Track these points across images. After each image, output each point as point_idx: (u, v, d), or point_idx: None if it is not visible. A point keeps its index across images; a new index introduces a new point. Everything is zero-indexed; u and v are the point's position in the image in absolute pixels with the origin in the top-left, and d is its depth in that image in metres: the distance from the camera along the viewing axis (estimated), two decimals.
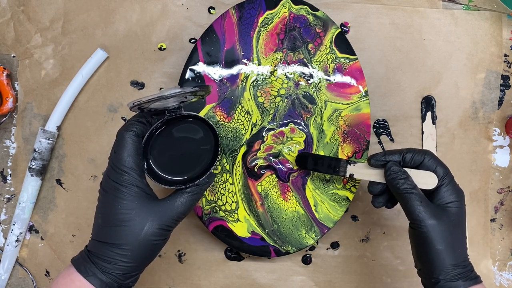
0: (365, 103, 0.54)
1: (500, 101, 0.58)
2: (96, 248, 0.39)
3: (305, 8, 0.53)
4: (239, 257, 0.56)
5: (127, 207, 0.38)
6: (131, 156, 0.39)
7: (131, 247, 0.38)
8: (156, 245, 0.39)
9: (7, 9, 0.56)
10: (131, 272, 0.39)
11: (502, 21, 0.58)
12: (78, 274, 0.38)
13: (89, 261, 0.38)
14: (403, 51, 0.57)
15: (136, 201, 0.38)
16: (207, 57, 0.53)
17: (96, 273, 0.38)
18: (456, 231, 0.43)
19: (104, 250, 0.38)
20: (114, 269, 0.38)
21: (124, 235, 0.38)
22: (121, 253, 0.38)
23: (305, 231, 0.53)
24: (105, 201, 0.39)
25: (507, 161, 0.58)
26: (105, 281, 0.38)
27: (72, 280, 0.38)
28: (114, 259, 0.38)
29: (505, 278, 0.58)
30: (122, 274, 0.38)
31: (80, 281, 0.38)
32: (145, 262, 0.40)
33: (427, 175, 0.44)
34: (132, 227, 0.38)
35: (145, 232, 0.38)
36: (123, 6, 0.56)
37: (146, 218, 0.38)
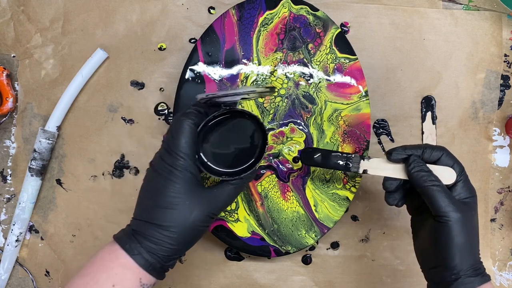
0: (365, 103, 0.54)
1: (500, 101, 0.58)
2: (142, 228, 0.39)
3: (305, 8, 0.53)
4: (239, 257, 0.56)
5: (179, 191, 0.39)
6: (187, 143, 0.39)
7: (178, 230, 0.39)
8: (200, 231, 0.40)
9: (7, 9, 0.56)
10: (174, 255, 0.40)
11: (502, 21, 0.58)
12: (122, 252, 0.38)
13: (134, 240, 0.39)
14: (403, 51, 0.57)
15: (188, 186, 0.39)
16: (207, 57, 0.53)
17: (142, 252, 0.38)
18: (473, 226, 0.43)
19: (151, 230, 0.39)
20: (160, 250, 0.38)
21: (173, 217, 0.38)
22: (168, 235, 0.38)
23: (305, 231, 0.53)
24: (156, 182, 0.40)
25: (507, 161, 0.58)
26: (149, 261, 0.38)
27: (117, 257, 0.38)
28: (160, 240, 0.38)
29: (505, 278, 0.58)
30: (166, 256, 0.39)
31: (125, 259, 0.38)
32: (187, 246, 0.41)
33: (446, 170, 0.44)
34: (182, 211, 0.39)
35: (193, 217, 0.39)
36: (123, 6, 0.56)
37: (195, 204, 0.39)
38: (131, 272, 0.38)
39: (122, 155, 0.56)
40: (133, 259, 0.38)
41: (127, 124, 0.56)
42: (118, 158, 0.56)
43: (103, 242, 0.56)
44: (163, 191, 0.39)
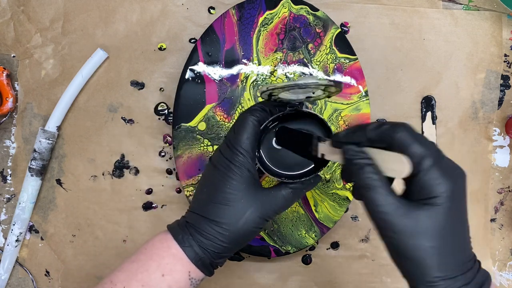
0: (365, 103, 0.54)
1: (500, 101, 0.58)
2: (196, 221, 0.38)
3: (305, 8, 0.53)
4: (239, 257, 0.56)
5: (235, 187, 0.38)
6: (249, 140, 0.38)
7: (231, 227, 0.38)
8: (252, 232, 0.39)
9: (7, 9, 0.56)
10: (224, 252, 0.39)
11: (502, 21, 0.58)
12: (174, 242, 0.38)
13: (187, 232, 0.38)
14: (403, 51, 0.57)
15: (245, 184, 0.38)
16: (207, 57, 0.53)
17: (193, 245, 0.38)
18: (447, 231, 0.32)
19: (204, 225, 0.38)
20: (210, 245, 0.38)
21: (227, 214, 0.37)
22: (220, 231, 0.37)
23: (305, 231, 0.53)
24: (213, 177, 0.39)
25: (507, 161, 0.58)
26: (199, 255, 0.37)
27: (169, 247, 0.38)
28: (212, 235, 0.37)
29: (505, 278, 0.58)
30: (216, 253, 0.38)
31: (176, 250, 0.38)
32: (238, 246, 0.39)
33: (395, 158, 0.33)
34: (236, 208, 0.38)
35: (247, 216, 0.38)
36: (123, 6, 0.56)
37: (251, 203, 0.38)
38: (181, 263, 0.37)
39: (122, 155, 0.56)
40: (184, 251, 0.38)
41: (127, 124, 0.56)
42: (118, 158, 0.56)
43: (103, 242, 0.56)
44: (219, 186, 0.38)
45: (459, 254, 0.34)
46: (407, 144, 0.33)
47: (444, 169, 0.33)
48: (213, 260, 0.39)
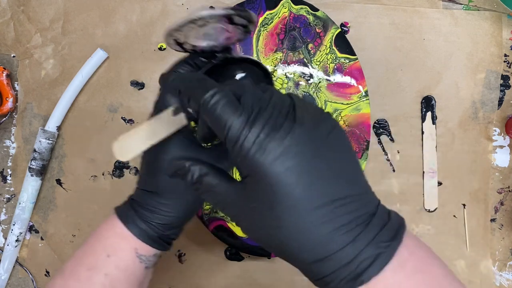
0: (365, 103, 0.54)
1: (500, 101, 0.58)
2: (139, 196, 0.37)
3: (305, 8, 0.53)
4: (239, 257, 0.56)
5: (167, 154, 0.35)
6: (173, 99, 0.35)
7: (172, 195, 0.36)
8: (198, 197, 0.36)
9: (7, 9, 0.56)
10: (172, 223, 0.36)
11: (502, 21, 0.58)
12: (118, 221, 0.36)
13: (130, 209, 0.37)
14: (403, 51, 0.57)
15: (176, 147, 0.35)
16: None
17: (136, 220, 0.36)
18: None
19: (146, 198, 0.36)
20: (154, 218, 0.36)
21: (165, 183, 0.35)
22: (162, 201, 0.35)
23: None
24: (149, 149, 0.36)
25: (507, 161, 0.58)
26: (144, 230, 0.36)
27: (114, 226, 0.36)
28: (155, 208, 0.36)
29: (505, 278, 0.58)
30: (161, 224, 0.36)
31: (121, 228, 0.36)
32: (187, 214, 0.37)
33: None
34: None
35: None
36: (123, 6, 0.56)
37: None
38: (126, 241, 0.36)
39: None
40: (128, 228, 0.36)
41: (127, 124, 0.56)
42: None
43: None
44: (154, 157, 0.35)
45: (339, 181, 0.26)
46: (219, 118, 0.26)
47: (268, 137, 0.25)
48: (163, 233, 0.36)
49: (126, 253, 0.35)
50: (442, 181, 0.58)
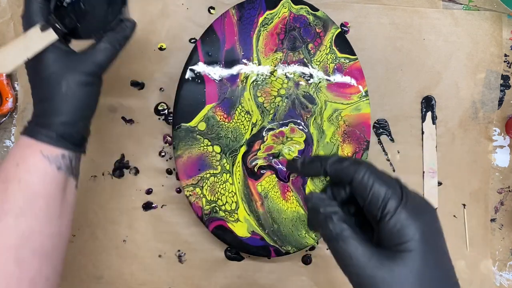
0: (365, 103, 0.54)
1: (500, 101, 0.58)
2: (35, 111, 0.40)
3: (305, 8, 0.53)
4: (239, 257, 0.56)
5: (46, 63, 0.39)
6: (37, 17, 0.39)
7: (57, 97, 0.39)
8: (87, 91, 0.40)
9: (7, 9, 0.56)
10: (68, 121, 0.39)
11: (502, 21, 0.58)
12: (23, 136, 0.39)
13: (31, 123, 0.40)
14: (403, 51, 0.57)
15: (52, 57, 0.39)
16: (207, 57, 0.53)
17: (34, 128, 0.39)
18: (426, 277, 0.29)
19: (39, 108, 0.40)
20: (50, 120, 0.39)
21: (48, 88, 0.39)
22: (53, 104, 0.39)
23: (305, 231, 0.53)
24: (29, 65, 0.40)
25: (507, 161, 0.58)
26: (43, 133, 0.38)
27: (19, 142, 0.39)
28: (48, 112, 0.39)
29: (505, 278, 0.58)
30: (59, 124, 0.39)
31: (23, 140, 0.39)
32: (82, 109, 0.40)
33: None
34: (52, 79, 0.39)
35: (67, 81, 0.39)
36: None
37: (66, 69, 0.39)
38: (30, 148, 0.38)
39: (122, 155, 0.56)
40: (28, 135, 0.39)
41: (127, 124, 0.56)
42: (118, 158, 0.56)
43: (103, 242, 0.56)
44: (34, 71, 0.40)
45: None
46: (368, 185, 0.31)
47: (411, 208, 0.30)
48: (63, 132, 0.39)
49: (33, 157, 0.38)
50: (442, 181, 0.58)
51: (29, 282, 0.35)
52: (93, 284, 0.56)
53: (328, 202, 0.32)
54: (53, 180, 0.38)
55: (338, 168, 0.32)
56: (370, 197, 0.30)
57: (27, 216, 0.36)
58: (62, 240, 0.39)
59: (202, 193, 0.52)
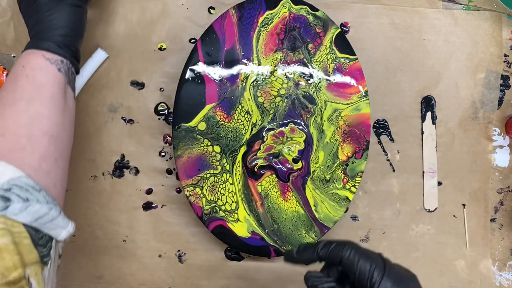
0: (365, 103, 0.54)
1: (500, 101, 0.58)
2: (31, 34, 0.45)
3: (305, 8, 0.53)
4: (239, 257, 0.56)
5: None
6: None
7: (53, 15, 0.44)
8: (76, 12, 0.46)
9: (7, 9, 0.56)
10: (64, 33, 0.44)
11: (502, 21, 0.58)
12: (25, 50, 0.44)
13: (29, 42, 0.44)
14: (403, 51, 0.57)
15: None
16: (207, 57, 0.53)
17: (35, 40, 0.44)
18: None
19: (35, 30, 0.44)
20: (47, 31, 0.44)
21: (43, 13, 0.44)
22: (46, 16, 0.44)
23: (305, 231, 0.53)
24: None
25: (507, 161, 0.58)
26: (43, 42, 0.43)
27: (22, 55, 0.44)
28: (44, 30, 0.44)
29: (505, 278, 0.58)
30: (56, 35, 0.44)
31: (28, 51, 0.44)
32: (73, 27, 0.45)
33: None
34: (46, 5, 0.44)
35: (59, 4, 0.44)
36: (123, 6, 0.56)
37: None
38: (33, 54, 0.43)
39: (122, 155, 0.56)
40: (31, 47, 0.44)
41: (127, 124, 0.56)
42: (118, 158, 0.56)
43: (103, 242, 0.56)
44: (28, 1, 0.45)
45: None
46: (354, 262, 0.37)
47: (395, 276, 0.36)
48: (61, 41, 0.44)
49: (36, 59, 0.43)
50: (442, 181, 0.58)
51: (39, 156, 0.40)
52: (93, 284, 0.56)
53: (325, 279, 0.37)
54: (55, 78, 0.43)
55: (327, 251, 0.38)
56: (358, 271, 0.36)
57: (35, 102, 0.41)
58: (66, 138, 0.44)
59: (202, 193, 0.52)
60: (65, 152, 0.44)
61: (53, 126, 0.42)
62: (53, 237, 0.39)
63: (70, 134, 0.45)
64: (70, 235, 0.40)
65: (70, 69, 0.45)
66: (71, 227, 0.40)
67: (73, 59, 0.46)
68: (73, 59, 0.46)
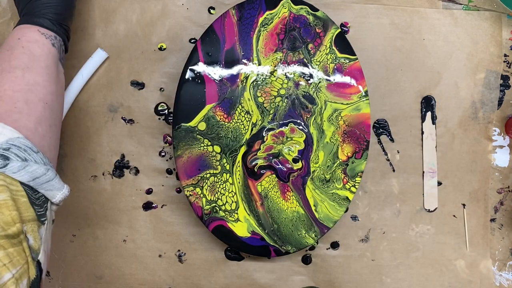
0: (365, 103, 0.54)
1: (500, 101, 0.58)
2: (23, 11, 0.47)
3: (305, 8, 0.54)
4: (239, 257, 0.56)
5: None
6: None
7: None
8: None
9: (7, 9, 0.56)
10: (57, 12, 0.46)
11: (502, 21, 0.58)
12: (20, 25, 0.45)
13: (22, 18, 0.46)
14: (403, 51, 0.57)
15: None
16: (207, 57, 0.53)
17: (29, 16, 0.46)
18: None
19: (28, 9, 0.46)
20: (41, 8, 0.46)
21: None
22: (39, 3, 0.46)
23: (305, 231, 0.53)
24: None
25: (507, 161, 0.58)
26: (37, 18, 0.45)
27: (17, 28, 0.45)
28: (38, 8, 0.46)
29: (505, 278, 0.58)
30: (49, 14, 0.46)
31: (23, 25, 0.45)
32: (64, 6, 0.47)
33: None
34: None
35: None
36: (123, 6, 0.56)
37: None
38: (29, 29, 0.45)
39: (122, 155, 0.56)
40: (25, 22, 0.45)
41: (127, 124, 0.56)
42: (118, 158, 0.56)
43: (103, 242, 0.56)
44: None
45: None
46: None
47: None
48: (54, 19, 0.46)
49: (32, 33, 0.45)
50: (442, 181, 0.58)
51: (35, 120, 0.41)
52: (93, 284, 0.56)
53: None
54: (49, 52, 0.45)
55: None
56: None
57: (31, 71, 0.43)
58: (59, 107, 0.46)
59: (202, 193, 0.52)
60: (58, 120, 0.46)
61: (48, 94, 0.44)
62: (48, 199, 0.40)
63: (62, 105, 0.47)
64: (65, 197, 0.41)
65: (61, 46, 0.47)
66: (66, 190, 0.41)
67: (64, 37, 0.48)
68: (65, 37, 0.48)
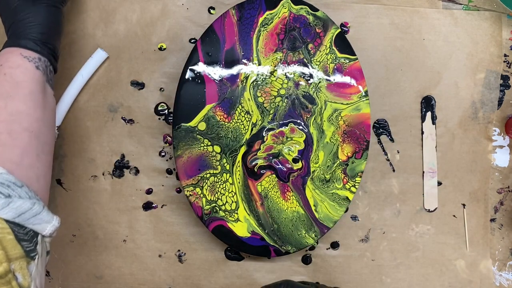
0: (365, 103, 0.54)
1: (500, 101, 0.58)
2: (9, 32, 0.45)
3: (305, 8, 0.54)
4: (239, 257, 0.56)
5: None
6: None
7: (29, 15, 0.45)
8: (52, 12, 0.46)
9: None
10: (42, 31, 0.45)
11: (502, 21, 0.58)
12: (4, 49, 0.44)
13: (7, 41, 0.45)
14: (403, 51, 0.57)
15: None
16: (207, 57, 0.53)
17: (12, 39, 0.45)
18: None
19: (13, 29, 0.45)
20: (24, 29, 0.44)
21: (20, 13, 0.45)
22: (22, 16, 0.45)
23: (305, 231, 0.53)
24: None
25: (507, 161, 0.58)
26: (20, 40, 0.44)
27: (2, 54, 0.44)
28: (22, 28, 0.44)
29: (504, 278, 0.58)
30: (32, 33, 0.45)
31: (6, 49, 0.44)
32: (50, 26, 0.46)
33: None
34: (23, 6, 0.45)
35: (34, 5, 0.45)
36: (123, 6, 0.56)
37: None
38: (11, 52, 0.44)
39: (122, 155, 0.56)
40: (8, 45, 0.44)
41: (127, 124, 0.56)
42: (118, 158, 0.56)
43: (103, 242, 0.56)
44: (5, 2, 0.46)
45: None
46: None
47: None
48: (35, 39, 0.45)
49: (14, 57, 0.43)
50: (442, 181, 0.58)
51: (20, 152, 0.40)
52: (93, 284, 0.56)
53: None
54: (34, 76, 0.43)
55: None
56: None
57: (14, 99, 0.41)
58: (48, 133, 0.44)
59: (202, 193, 0.52)
60: (48, 147, 0.44)
61: (33, 122, 0.42)
62: (38, 233, 0.39)
63: (52, 130, 0.46)
64: (56, 229, 0.41)
65: (48, 67, 0.46)
66: (56, 221, 0.41)
67: (50, 57, 0.46)
68: (51, 56, 0.46)
